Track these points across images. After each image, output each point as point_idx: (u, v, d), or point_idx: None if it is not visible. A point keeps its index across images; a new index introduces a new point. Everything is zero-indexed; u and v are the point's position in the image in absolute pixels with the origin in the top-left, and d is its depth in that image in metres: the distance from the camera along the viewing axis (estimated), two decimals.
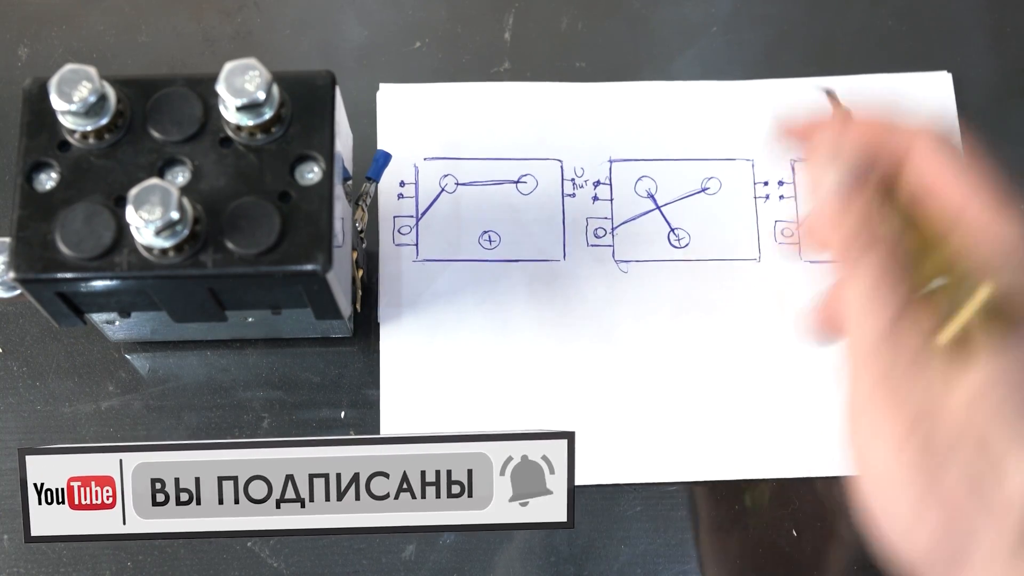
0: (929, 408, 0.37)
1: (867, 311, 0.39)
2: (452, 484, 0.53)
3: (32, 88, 0.48)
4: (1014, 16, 0.64)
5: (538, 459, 0.54)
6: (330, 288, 0.48)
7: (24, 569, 0.55)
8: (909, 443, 0.37)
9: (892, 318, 0.38)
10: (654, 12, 0.64)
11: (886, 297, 0.38)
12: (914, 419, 0.37)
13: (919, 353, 0.38)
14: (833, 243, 0.41)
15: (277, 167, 0.48)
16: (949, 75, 0.63)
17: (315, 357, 0.58)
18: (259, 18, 0.64)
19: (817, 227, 0.42)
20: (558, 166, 0.61)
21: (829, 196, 0.40)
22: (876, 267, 0.39)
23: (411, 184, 0.60)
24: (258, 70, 0.46)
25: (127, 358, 0.58)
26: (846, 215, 0.40)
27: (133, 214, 0.44)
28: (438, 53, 0.63)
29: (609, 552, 0.56)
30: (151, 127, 0.48)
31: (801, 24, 0.64)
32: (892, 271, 0.39)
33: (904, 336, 0.38)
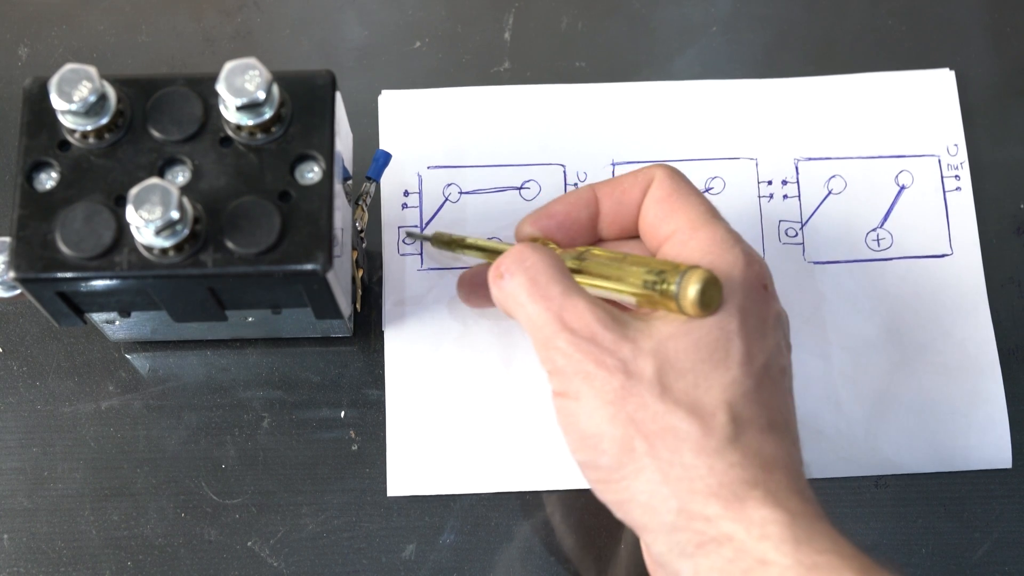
0: (630, 352, 0.44)
1: (538, 299, 0.46)
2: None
3: (32, 88, 0.48)
4: (1014, 15, 0.64)
5: None
6: (330, 288, 0.48)
7: (24, 569, 0.55)
8: (617, 387, 0.44)
9: (563, 295, 0.45)
10: (654, 12, 0.64)
11: (551, 281, 0.46)
12: (620, 364, 0.44)
13: (605, 317, 0.45)
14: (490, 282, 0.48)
15: (277, 167, 0.48)
16: (952, 73, 0.63)
17: (315, 357, 0.58)
18: (259, 18, 0.64)
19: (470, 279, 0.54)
20: (561, 171, 0.61)
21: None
22: (531, 269, 0.46)
23: (415, 194, 0.60)
24: (258, 70, 0.46)
25: (127, 358, 0.58)
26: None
27: (133, 214, 0.44)
28: (438, 53, 0.63)
29: (609, 552, 0.56)
30: (151, 127, 0.48)
31: (801, 24, 0.64)
32: (548, 268, 0.46)
33: (582, 308, 0.45)
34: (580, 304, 0.45)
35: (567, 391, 0.45)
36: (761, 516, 0.42)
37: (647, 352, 0.44)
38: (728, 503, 0.42)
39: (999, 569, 0.56)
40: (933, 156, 0.61)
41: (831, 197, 0.61)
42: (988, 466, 0.57)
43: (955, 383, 0.58)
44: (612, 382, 0.44)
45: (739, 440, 0.43)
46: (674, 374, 0.44)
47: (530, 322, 0.46)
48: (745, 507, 0.42)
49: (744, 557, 0.41)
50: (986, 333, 0.58)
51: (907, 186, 0.61)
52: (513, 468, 0.56)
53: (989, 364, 0.58)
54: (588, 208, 0.51)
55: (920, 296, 0.59)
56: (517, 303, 0.46)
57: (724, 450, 0.43)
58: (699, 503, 0.42)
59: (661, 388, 0.43)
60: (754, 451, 0.43)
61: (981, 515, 0.57)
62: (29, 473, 0.56)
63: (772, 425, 0.44)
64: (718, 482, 0.42)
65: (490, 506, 0.56)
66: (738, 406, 0.43)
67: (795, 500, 0.42)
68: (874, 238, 0.60)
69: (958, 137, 0.61)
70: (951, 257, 0.60)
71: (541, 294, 0.46)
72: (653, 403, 0.43)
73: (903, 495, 0.57)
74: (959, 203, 0.60)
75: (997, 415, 0.57)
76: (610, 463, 0.44)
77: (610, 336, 0.44)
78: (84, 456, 0.57)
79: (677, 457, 0.43)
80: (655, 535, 0.44)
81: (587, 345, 0.44)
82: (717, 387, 0.44)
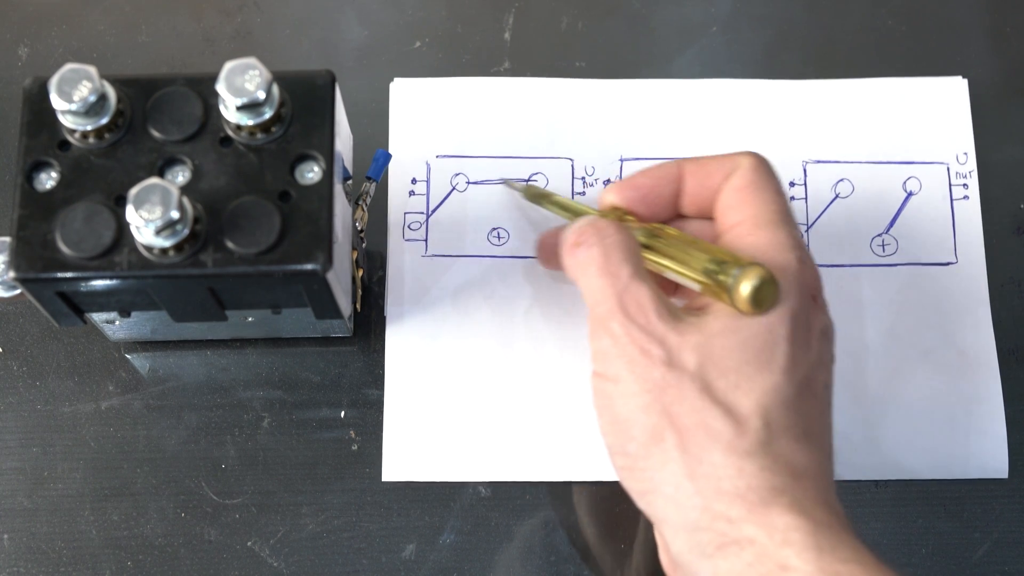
0: (677, 344, 0.44)
1: (604, 276, 0.46)
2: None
3: (32, 88, 0.48)
4: (1015, 16, 0.64)
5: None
6: (330, 288, 0.48)
7: (24, 569, 0.55)
8: (659, 377, 0.43)
9: (628, 278, 0.45)
10: (654, 12, 0.64)
11: (620, 262, 0.46)
12: (666, 355, 0.44)
13: (660, 307, 0.45)
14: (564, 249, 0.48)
15: (277, 167, 0.48)
16: (965, 81, 0.62)
17: (315, 357, 0.58)
18: (259, 18, 0.64)
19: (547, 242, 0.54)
20: (568, 164, 0.61)
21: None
22: (605, 245, 0.46)
23: (423, 182, 0.60)
24: (258, 70, 0.46)
25: (127, 358, 0.58)
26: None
27: (133, 213, 0.44)
28: (438, 53, 0.63)
29: (609, 552, 0.56)
30: (151, 127, 0.48)
31: (801, 24, 0.64)
32: (620, 247, 0.46)
33: (642, 294, 0.45)
34: (642, 290, 0.45)
35: (607, 372, 0.45)
36: (785, 523, 0.41)
37: (692, 346, 0.44)
38: (753, 507, 0.42)
39: (999, 569, 0.56)
40: (942, 164, 0.61)
41: (838, 200, 0.60)
42: (985, 475, 0.57)
43: (954, 390, 0.58)
44: (654, 371, 0.44)
45: (771, 446, 0.43)
46: (716, 372, 0.43)
47: (592, 295, 0.46)
48: (770, 512, 0.41)
49: (765, 561, 0.41)
50: (987, 342, 0.58)
51: (915, 192, 0.61)
52: (511, 457, 0.56)
53: (989, 373, 0.58)
54: (672, 184, 0.50)
55: (923, 303, 0.59)
56: (585, 274, 0.46)
57: (755, 454, 0.42)
58: (724, 503, 0.42)
59: (701, 384, 0.43)
60: (785, 459, 0.43)
61: (981, 515, 0.57)
62: (29, 473, 0.56)
63: (807, 435, 0.44)
64: (745, 485, 0.42)
65: (490, 506, 0.56)
66: (775, 412, 0.43)
67: (821, 510, 0.42)
68: (879, 243, 0.60)
69: (968, 146, 0.61)
70: (956, 265, 0.60)
71: (610, 271, 0.46)
72: (691, 398, 0.43)
73: (903, 495, 0.57)
74: (966, 212, 0.60)
75: (995, 426, 0.57)
76: (637, 451, 0.44)
77: (661, 326, 0.44)
78: (84, 456, 0.57)
79: (706, 455, 0.43)
80: (676, 531, 0.44)
81: (637, 331, 0.44)
82: (758, 390, 0.43)
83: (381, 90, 0.62)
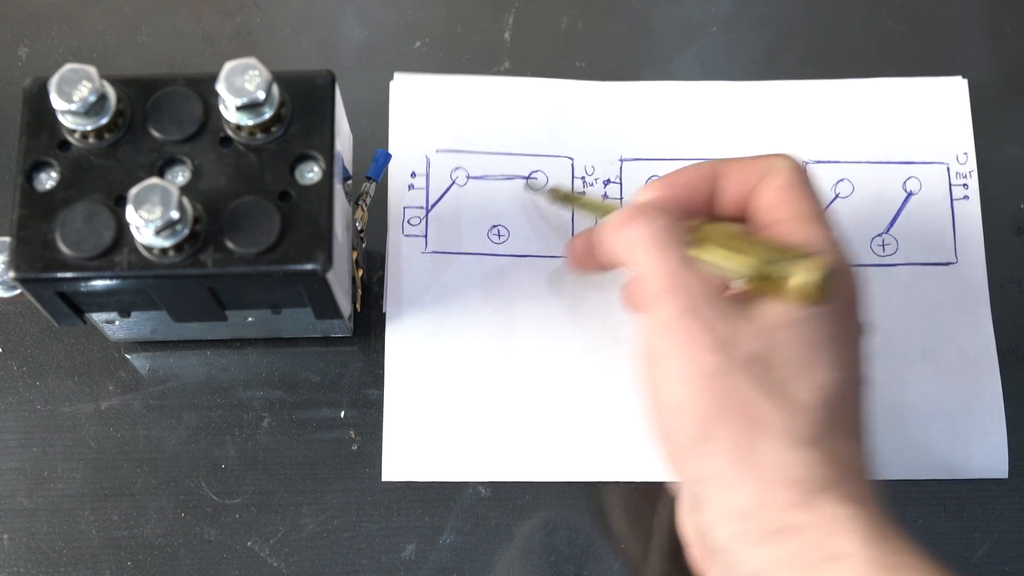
0: (729, 332, 0.43)
1: (655, 253, 0.45)
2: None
3: (32, 88, 0.48)
4: (1015, 16, 0.64)
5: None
6: (330, 288, 0.48)
7: (24, 569, 0.55)
8: (711, 364, 0.43)
9: (678, 261, 0.45)
10: (654, 12, 0.64)
11: (669, 244, 0.45)
12: (719, 342, 0.43)
13: (711, 292, 0.44)
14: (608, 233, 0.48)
15: (277, 167, 0.48)
16: (965, 81, 0.62)
17: (315, 357, 0.58)
18: (259, 18, 0.64)
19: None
20: (569, 163, 0.61)
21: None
22: (655, 226, 0.46)
23: (422, 176, 0.60)
24: (258, 70, 0.46)
25: (127, 358, 0.58)
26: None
27: (133, 214, 0.44)
28: (438, 53, 0.63)
29: (609, 552, 0.56)
30: (151, 127, 0.48)
31: (801, 24, 0.64)
32: (670, 231, 0.46)
33: (692, 278, 0.44)
34: (692, 275, 0.45)
35: (655, 357, 0.45)
36: (838, 512, 0.41)
37: (749, 336, 0.43)
38: (807, 496, 0.42)
39: (999, 569, 0.56)
40: (942, 164, 0.61)
41: (838, 200, 0.60)
42: (985, 475, 0.57)
43: (954, 390, 0.58)
44: (706, 359, 0.43)
45: (824, 441, 0.42)
46: (772, 364, 0.43)
47: (640, 273, 0.46)
48: (823, 502, 0.41)
49: (815, 550, 0.41)
50: (987, 341, 0.58)
51: (915, 192, 0.61)
52: (511, 457, 0.56)
53: (989, 373, 0.58)
54: (709, 183, 0.49)
55: (923, 303, 0.59)
56: (635, 252, 0.46)
57: (808, 447, 0.42)
58: (776, 492, 0.42)
59: (756, 375, 0.43)
60: (836, 454, 0.43)
61: (981, 516, 0.57)
62: (29, 473, 0.56)
63: (855, 432, 0.44)
64: (796, 477, 0.42)
65: (490, 506, 0.56)
66: (828, 407, 0.43)
67: (873, 503, 0.42)
68: (879, 243, 0.60)
69: (968, 146, 0.61)
70: (956, 265, 0.59)
71: (660, 251, 0.45)
72: (745, 388, 0.43)
73: (903, 496, 0.57)
74: (966, 212, 0.60)
75: (995, 425, 0.57)
76: (685, 439, 0.44)
77: (714, 314, 0.44)
78: (84, 456, 0.57)
79: (761, 445, 0.42)
80: (723, 518, 0.43)
81: (688, 316, 0.44)
82: (812, 384, 0.43)
83: (381, 90, 0.62)
